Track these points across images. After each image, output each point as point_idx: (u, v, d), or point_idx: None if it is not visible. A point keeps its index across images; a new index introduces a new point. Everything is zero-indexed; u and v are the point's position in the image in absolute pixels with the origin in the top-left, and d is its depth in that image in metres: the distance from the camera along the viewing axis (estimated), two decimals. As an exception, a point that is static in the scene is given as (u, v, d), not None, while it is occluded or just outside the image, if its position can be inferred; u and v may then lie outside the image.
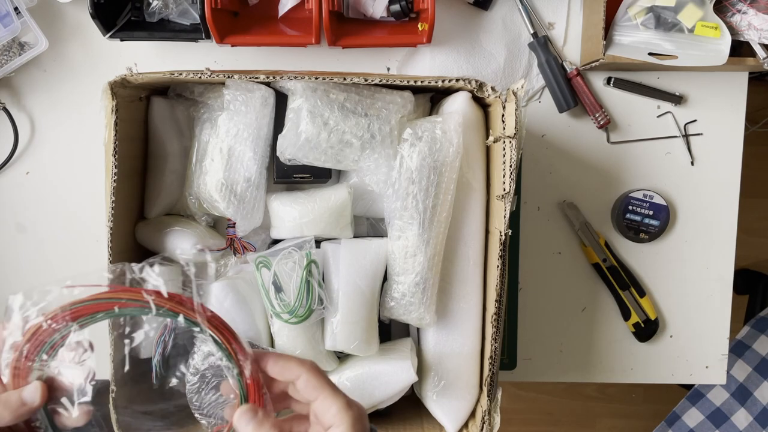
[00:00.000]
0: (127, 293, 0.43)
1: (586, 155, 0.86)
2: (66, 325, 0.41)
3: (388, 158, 0.67)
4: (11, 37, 0.78)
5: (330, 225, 0.70)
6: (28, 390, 0.41)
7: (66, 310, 0.41)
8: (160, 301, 0.43)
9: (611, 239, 0.87)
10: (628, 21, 0.77)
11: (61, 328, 0.41)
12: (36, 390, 0.41)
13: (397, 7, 0.77)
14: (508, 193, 0.61)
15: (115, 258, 0.64)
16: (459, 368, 0.70)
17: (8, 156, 0.83)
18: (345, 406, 0.43)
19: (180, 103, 0.73)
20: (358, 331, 0.68)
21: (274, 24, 0.78)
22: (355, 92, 0.67)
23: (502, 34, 0.83)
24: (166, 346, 0.61)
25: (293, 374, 0.44)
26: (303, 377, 0.44)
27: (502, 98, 0.63)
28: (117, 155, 0.62)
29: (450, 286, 0.70)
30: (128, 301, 0.42)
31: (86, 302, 0.42)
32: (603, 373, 0.89)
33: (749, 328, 1.19)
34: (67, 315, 0.41)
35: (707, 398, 1.15)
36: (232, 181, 0.68)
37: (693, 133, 0.86)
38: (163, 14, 0.77)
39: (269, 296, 0.66)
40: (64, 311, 0.41)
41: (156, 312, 0.42)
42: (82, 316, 0.42)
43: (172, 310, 0.43)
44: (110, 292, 0.43)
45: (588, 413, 1.78)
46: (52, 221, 0.85)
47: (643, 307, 0.87)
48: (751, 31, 0.76)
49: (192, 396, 0.61)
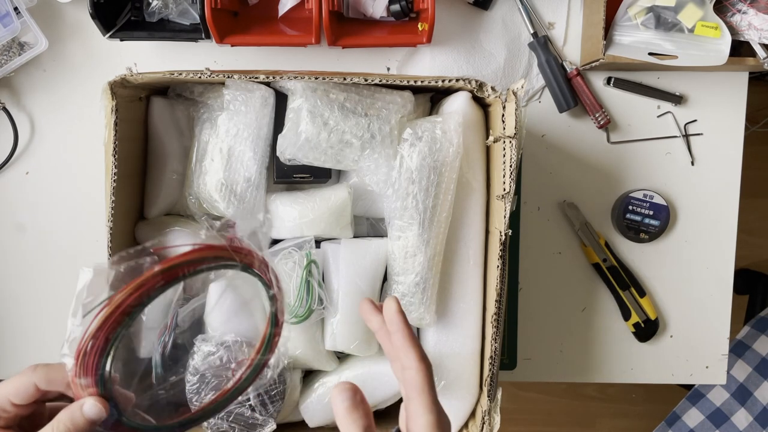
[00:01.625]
0: (211, 250, 0.43)
1: (586, 155, 0.86)
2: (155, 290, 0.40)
3: (388, 158, 0.67)
4: (11, 37, 0.78)
5: (330, 225, 0.70)
6: (90, 407, 0.40)
7: (158, 274, 0.40)
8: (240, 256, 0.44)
9: (611, 239, 0.87)
10: (628, 21, 0.77)
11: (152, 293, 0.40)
12: (96, 406, 0.41)
13: (397, 7, 0.77)
14: (508, 193, 0.61)
15: (115, 258, 0.64)
16: (459, 368, 0.70)
17: (8, 156, 0.83)
18: (435, 423, 0.41)
19: (180, 103, 0.73)
20: (358, 331, 0.68)
21: (274, 24, 0.78)
22: (355, 92, 0.67)
23: (502, 34, 0.83)
24: (166, 346, 0.61)
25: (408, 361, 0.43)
26: (413, 371, 0.43)
27: (502, 98, 0.63)
28: (117, 155, 0.62)
29: (450, 286, 0.70)
30: (213, 258, 0.43)
31: (175, 264, 0.41)
32: (603, 373, 0.89)
33: (749, 328, 1.19)
34: (158, 278, 0.40)
35: (707, 398, 1.15)
36: (232, 181, 0.68)
37: (693, 133, 0.86)
38: (163, 14, 0.77)
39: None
40: (155, 275, 0.40)
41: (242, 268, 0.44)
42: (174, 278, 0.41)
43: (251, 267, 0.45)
44: (196, 251, 0.42)
45: (588, 413, 1.78)
46: (52, 221, 0.85)
47: (643, 307, 0.87)
48: (751, 31, 0.76)
49: (192, 396, 0.61)
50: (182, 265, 0.41)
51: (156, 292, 0.40)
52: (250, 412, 0.64)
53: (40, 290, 0.85)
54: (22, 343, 0.86)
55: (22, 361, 0.86)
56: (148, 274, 0.40)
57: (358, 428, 0.41)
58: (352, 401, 0.41)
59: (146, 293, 0.40)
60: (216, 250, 0.43)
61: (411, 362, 0.43)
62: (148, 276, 0.40)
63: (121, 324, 0.40)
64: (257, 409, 0.64)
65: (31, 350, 0.86)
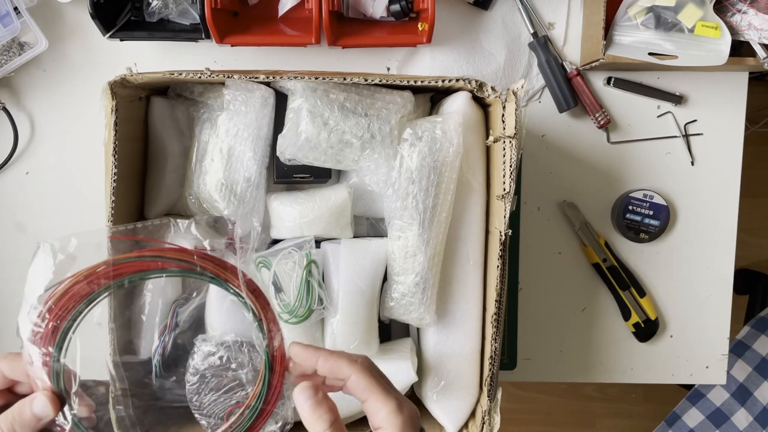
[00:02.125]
0: (173, 252, 0.40)
1: (586, 155, 0.86)
2: (106, 283, 0.37)
3: (388, 158, 0.67)
4: (11, 37, 0.78)
5: (330, 225, 0.70)
6: (38, 403, 0.39)
7: (109, 266, 0.38)
8: (204, 263, 0.40)
9: (611, 239, 0.87)
10: (628, 21, 0.77)
11: (100, 286, 0.38)
12: (45, 403, 0.39)
13: (397, 7, 0.77)
14: (508, 193, 0.61)
15: (115, 258, 0.64)
16: (459, 368, 0.70)
17: (8, 156, 0.83)
18: (395, 410, 0.42)
19: (180, 103, 0.73)
20: (358, 331, 0.68)
21: (274, 24, 0.78)
22: (355, 92, 0.67)
23: (502, 34, 0.83)
24: (166, 346, 0.61)
25: (343, 374, 0.43)
26: (353, 378, 0.43)
27: (502, 98, 0.63)
28: (117, 155, 0.62)
29: (450, 286, 0.70)
30: (174, 261, 0.40)
31: (131, 259, 0.39)
32: (603, 373, 0.89)
33: (749, 328, 1.19)
34: (110, 272, 0.38)
35: (707, 398, 1.15)
36: (232, 181, 0.68)
37: (693, 133, 0.86)
38: (163, 14, 0.77)
39: (269, 296, 0.66)
40: (107, 267, 0.38)
41: (199, 273, 0.40)
42: (125, 274, 0.38)
43: (214, 272, 0.41)
44: (155, 249, 0.40)
45: (588, 413, 1.78)
46: (52, 221, 0.85)
47: (643, 307, 0.87)
48: (751, 31, 0.76)
49: (192, 396, 0.60)
50: (137, 261, 0.39)
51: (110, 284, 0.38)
52: None
53: (40, 290, 0.85)
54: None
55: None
56: (101, 263, 0.38)
57: (325, 422, 0.41)
58: (314, 399, 0.42)
59: (96, 283, 0.38)
60: (183, 255, 0.40)
61: (345, 371, 0.43)
62: (100, 265, 0.38)
63: (71, 312, 0.38)
64: None
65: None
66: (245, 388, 0.65)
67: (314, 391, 0.42)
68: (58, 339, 0.38)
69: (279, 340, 0.43)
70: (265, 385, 0.43)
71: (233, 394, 0.65)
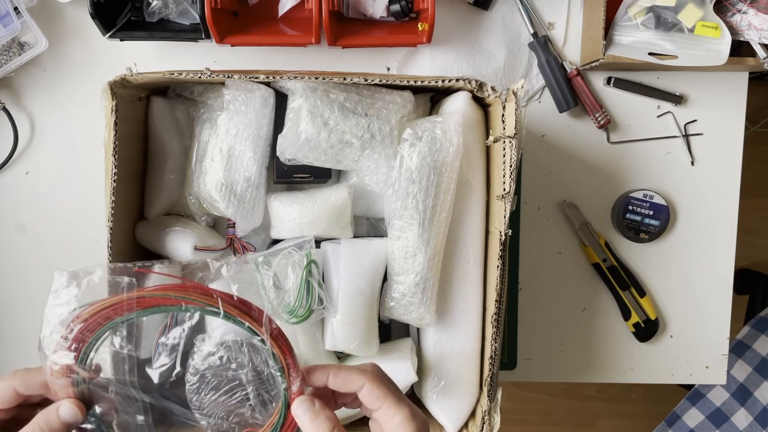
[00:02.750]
0: (197, 292, 0.41)
1: (586, 155, 0.86)
2: (129, 313, 0.40)
3: (388, 158, 0.67)
4: (11, 37, 0.78)
5: (330, 225, 0.70)
6: (65, 409, 0.41)
7: (133, 299, 0.40)
8: (228, 306, 0.42)
9: (611, 239, 0.87)
10: (628, 21, 0.77)
11: (122, 314, 0.40)
12: (71, 408, 0.41)
13: (397, 7, 0.77)
14: (508, 193, 0.61)
15: (115, 258, 0.64)
16: (459, 368, 0.70)
17: (8, 156, 0.83)
18: (408, 417, 0.43)
19: (180, 103, 0.73)
20: (358, 331, 0.68)
21: (274, 24, 0.78)
22: (355, 92, 0.67)
23: (502, 34, 0.83)
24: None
25: (356, 385, 0.44)
26: (365, 387, 0.44)
27: (502, 98, 0.63)
28: (117, 155, 0.62)
29: (450, 286, 0.70)
30: (197, 300, 0.41)
31: (155, 294, 0.41)
32: (603, 373, 0.89)
33: (749, 328, 1.19)
34: (133, 303, 0.40)
35: (707, 398, 1.15)
36: (232, 181, 0.68)
37: (693, 133, 0.86)
38: (163, 14, 0.77)
39: (269, 296, 0.66)
40: (130, 299, 0.40)
41: (223, 316, 0.42)
42: (149, 307, 0.41)
43: (240, 317, 0.42)
44: (180, 287, 0.41)
45: (588, 413, 1.78)
46: (52, 221, 0.85)
47: (643, 307, 0.87)
48: (751, 31, 0.76)
49: (192, 396, 0.60)
50: (160, 297, 0.41)
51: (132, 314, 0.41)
52: (250, 412, 0.64)
53: (40, 290, 0.85)
54: (21, 344, 0.86)
55: (23, 362, 0.86)
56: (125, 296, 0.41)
57: (326, 430, 0.43)
58: (311, 411, 0.43)
59: (119, 312, 0.41)
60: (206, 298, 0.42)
61: (358, 381, 0.44)
62: (124, 297, 0.41)
63: (93, 333, 0.41)
64: (257, 409, 0.64)
65: (31, 350, 0.86)
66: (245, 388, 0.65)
67: (311, 402, 0.43)
68: (80, 356, 0.41)
69: (298, 385, 0.45)
70: (279, 423, 0.46)
71: (233, 394, 0.65)
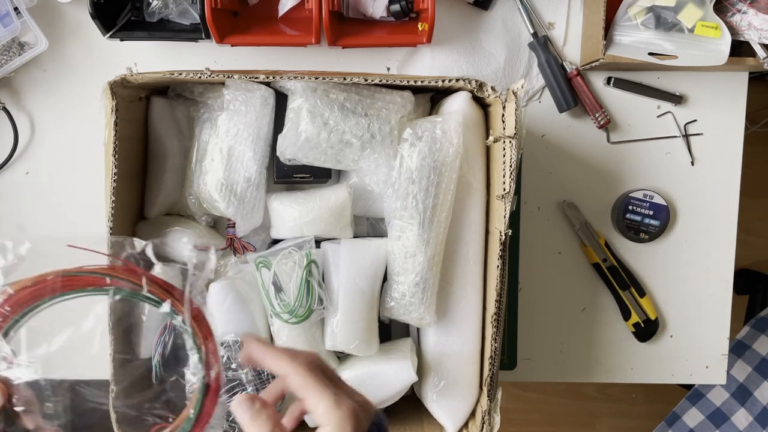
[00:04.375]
0: (122, 272, 0.40)
1: (586, 155, 0.86)
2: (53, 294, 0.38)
3: (388, 158, 0.67)
4: (11, 37, 0.78)
5: (330, 225, 0.70)
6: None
7: (58, 276, 0.38)
8: (152, 285, 0.41)
9: (611, 239, 0.87)
10: (628, 21, 0.77)
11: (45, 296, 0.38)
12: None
13: (397, 7, 0.77)
14: (508, 193, 0.61)
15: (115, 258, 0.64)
16: (459, 368, 0.70)
17: (8, 156, 0.83)
18: (332, 406, 0.41)
19: (180, 103, 0.73)
20: (358, 331, 0.68)
21: (274, 24, 0.78)
22: (355, 92, 0.67)
23: (502, 34, 0.83)
24: (166, 345, 0.61)
25: (282, 370, 0.43)
26: (290, 375, 0.43)
27: (502, 98, 0.63)
28: (117, 155, 0.62)
29: (450, 286, 0.70)
30: (123, 280, 0.40)
31: (81, 273, 0.39)
32: (603, 373, 0.89)
33: (749, 328, 1.19)
34: (57, 282, 0.38)
35: (707, 398, 1.15)
36: (232, 181, 0.68)
37: (693, 133, 0.86)
38: (163, 14, 0.77)
39: (269, 296, 0.66)
40: (55, 277, 0.38)
41: (146, 293, 0.40)
42: (74, 288, 0.39)
43: (161, 296, 0.41)
44: (108, 267, 0.40)
45: (588, 413, 1.78)
46: (52, 221, 0.85)
47: (643, 307, 0.87)
48: (751, 31, 0.76)
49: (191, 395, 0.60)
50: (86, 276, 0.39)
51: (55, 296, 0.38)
52: None
53: (40, 290, 0.85)
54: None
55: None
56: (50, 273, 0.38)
57: (266, 431, 0.41)
58: (251, 410, 0.42)
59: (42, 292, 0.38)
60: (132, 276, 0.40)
61: (284, 368, 0.43)
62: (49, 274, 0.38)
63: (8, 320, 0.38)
64: None
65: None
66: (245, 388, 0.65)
67: (251, 402, 0.42)
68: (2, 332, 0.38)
69: (216, 371, 0.43)
70: (197, 410, 0.43)
71: (233, 393, 0.65)
